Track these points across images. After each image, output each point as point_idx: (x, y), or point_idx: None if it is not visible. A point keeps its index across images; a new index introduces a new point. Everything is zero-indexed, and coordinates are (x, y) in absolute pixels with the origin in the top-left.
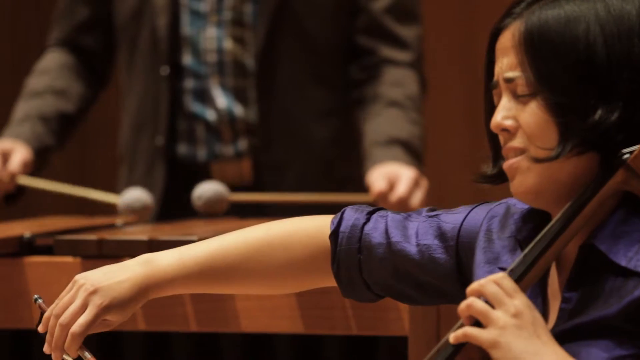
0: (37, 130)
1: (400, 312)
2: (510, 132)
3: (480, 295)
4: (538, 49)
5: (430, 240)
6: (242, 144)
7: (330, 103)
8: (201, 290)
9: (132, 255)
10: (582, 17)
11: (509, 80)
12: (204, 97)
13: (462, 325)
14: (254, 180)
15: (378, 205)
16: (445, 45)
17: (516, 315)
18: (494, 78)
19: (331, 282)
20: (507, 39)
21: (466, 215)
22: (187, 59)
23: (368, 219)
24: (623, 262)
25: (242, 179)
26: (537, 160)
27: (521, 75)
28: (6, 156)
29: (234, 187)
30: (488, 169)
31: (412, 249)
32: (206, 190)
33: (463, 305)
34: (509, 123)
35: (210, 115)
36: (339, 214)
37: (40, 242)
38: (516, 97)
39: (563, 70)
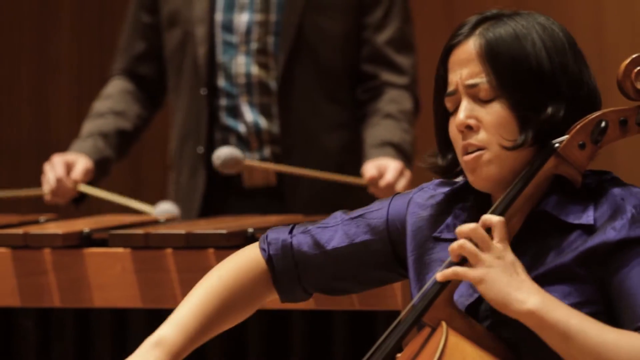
0: (98, 145)
1: (394, 290)
2: (472, 130)
3: (469, 238)
4: (498, 59)
5: (364, 237)
6: (267, 151)
7: (341, 117)
8: (201, 343)
9: (173, 246)
10: (527, 33)
11: (471, 87)
12: (235, 112)
13: (447, 267)
14: (277, 182)
15: (370, 189)
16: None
17: (500, 257)
18: (448, 87)
19: (272, 295)
20: (464, 53)
21: (389, 206)
22: (222, 82)
23: (292, 236)
24: (571, 220)
25: (267, 181)
26: (507, 149)
27: (483, 81)
28: (70, 166)
29: (260, 190)
30: (438, 160)
31: (349, 249)
32: (223, 152)
33: (455, 245)
34: (472, 122)
35: (241, 128)
36: (264, 239)
37: (96, 236)
38: (477, 100)
39: (519, 75)
